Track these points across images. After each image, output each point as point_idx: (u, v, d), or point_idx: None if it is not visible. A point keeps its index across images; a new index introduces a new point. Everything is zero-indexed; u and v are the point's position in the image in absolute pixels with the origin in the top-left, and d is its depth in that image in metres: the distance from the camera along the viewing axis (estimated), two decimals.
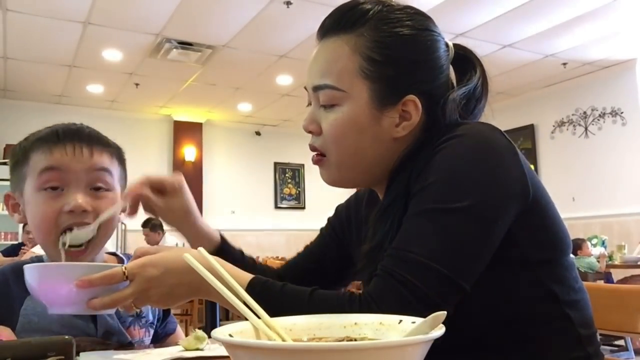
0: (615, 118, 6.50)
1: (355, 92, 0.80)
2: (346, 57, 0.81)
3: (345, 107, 0.81)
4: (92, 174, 0.94)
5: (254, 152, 8.81)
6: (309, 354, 0.43)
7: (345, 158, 0.83)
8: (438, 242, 0.71)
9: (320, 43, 0.86)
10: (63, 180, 0.91)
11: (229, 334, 0.51)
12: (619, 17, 5.08)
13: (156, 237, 5.96)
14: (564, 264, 0.80)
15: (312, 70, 0.85)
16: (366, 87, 0.80)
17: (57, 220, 0.91)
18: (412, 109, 0.81)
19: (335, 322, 0.59)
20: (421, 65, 0.82)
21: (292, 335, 0.57)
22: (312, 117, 0.86)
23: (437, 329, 0.49)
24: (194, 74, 6.39)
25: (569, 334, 0.78)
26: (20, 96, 6.97)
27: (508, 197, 0.74)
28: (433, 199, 0.73)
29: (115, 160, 1.00)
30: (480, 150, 0.75)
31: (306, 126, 0.86)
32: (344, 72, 0.81)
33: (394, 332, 0.56)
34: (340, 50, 0.82)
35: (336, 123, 0.82)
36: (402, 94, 0.80)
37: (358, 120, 0.81)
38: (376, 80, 0.80)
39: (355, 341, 0.55)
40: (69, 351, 0.59)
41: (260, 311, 0.57)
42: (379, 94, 0.80)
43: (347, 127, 0.81)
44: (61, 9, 4.64)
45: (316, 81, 0.84)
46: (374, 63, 0.80)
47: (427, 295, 0.69)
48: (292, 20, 4.93)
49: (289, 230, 8.74)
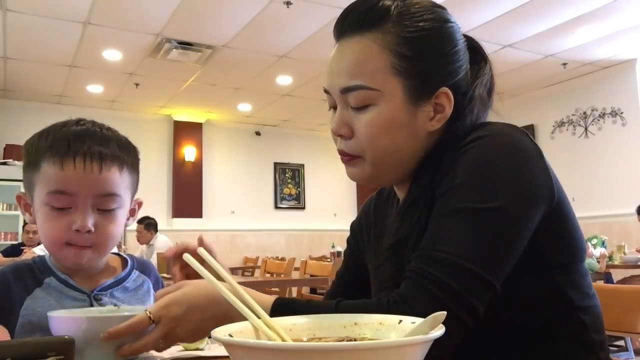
0: (615, 118, 6.50)
1: (389, 90, 0.79)
2: (376, 56, 0.79)
3: (381, 106, 0.79)
4: (99, 199, 0.95)
5: (254, 152, 8.81)
6: (308, 354, 0.43)
7: (383, 157, 0.81)
8: (471, 242, 0.70)
9: (340, 43, 0.83)
10: (71, 202, 0.94)
11: (229, 334, 0.51)
12: (619, 18, 5.08)
13: (148, 236, 5.99)
14: (579, 270, 0.80)
15: (336, 72, 0.82)
16: (400, 83, 0.79)
17: (63, 236, 0.95)
18: (444, 101, 0.81)
19: (335, 322, 0.59)
20: (448, 57, 0.81)
21: (292, 335, 0.57)
22: (342, 120, 0.82)
23: (436, 329, 0.49)
24: (194, 74, 6.39)
25: (583, 339, 0.78)
26: (20, 96, 6.97)
27: (536, 199, 0.74)
28: (464, 199, 0.72)
29: (125, 171, 0.99)
30: (509, 151, 0.75)
31: (337, 130, 0.83)
32: (376, 71, 0.79)
33: (393, 333, 0.56)
34: (368, 49, 0.79)
35: (372, 123, 0.79)
36: (435, 87, 0.80)
37: (395, 118, 0.79)
38: (409, 76, 0.79)
39: (355, 341, 0.55)
40: (69, 351, 0.59)
41: (260, 311, 0.57)
42: (413, 89, 0.79)
43: (384, 126, 0.79)
44: (61, 9, 4.64)
45: (345, 83, 0.80)
46: (405, 59, 0.79)
47: (463, 296, 0.68)
48: (292, 20, 4.93)
49: (289, 230, 8.74)
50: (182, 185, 8.01)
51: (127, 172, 1.00)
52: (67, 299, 0.99)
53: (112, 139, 0.99)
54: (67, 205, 0.93)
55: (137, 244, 6.15)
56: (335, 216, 9.22)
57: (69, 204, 0.93)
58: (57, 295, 0.99)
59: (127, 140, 1.04)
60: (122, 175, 0.98)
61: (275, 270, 4.79)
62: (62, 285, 1.00)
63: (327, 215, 9.19)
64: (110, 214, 0.97)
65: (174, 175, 8.06)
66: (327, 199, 9.26)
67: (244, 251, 8.24)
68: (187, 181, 8.06)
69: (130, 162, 1.01)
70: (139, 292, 1.08)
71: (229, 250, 8.11)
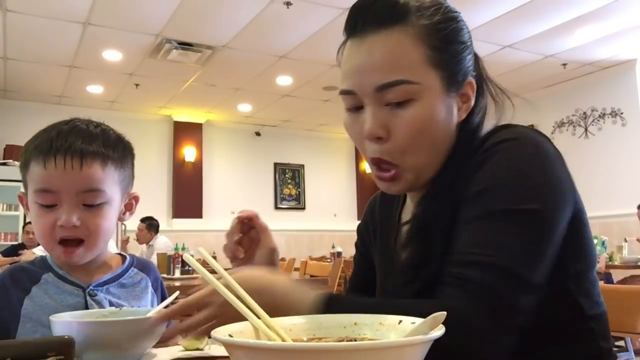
0: (615, 119, 6.50)
1: (428, 83, 0.76)
2: (411, 48, 0.76)
3: (422, 100, 0.76)
4: (82, 195, 0.96)
5: (254, 152, 8.81)
6: (308, 354, 0.43)
7: (423, 156, 0.79)
8: (512, 244, 0.68)
9: (361, 41, 0.78)
10: (56, 200, 0.96)
11: (229, 334, 0.51)
12: (619, 18, 5.09)
13: (147, 236, 5.98)
14: (589, 278, 0.80)
15: (368, 69, 0.77)
16: (436, 75, 0.77)
17: (51, 232, 0.96)
18: (469, 92, 0.81)
19: (335, 322, 0.59)
20: (467, 47, 0.82)
21: (291, 335, 0.57)
22: (378, 121, 0.77)
23: (436, 329, 0.49)
24: (194, 75, 6.39)
25: (592, 347, 0.78)
26: (20, 97, 6.97)
27: (565, 204, 0.74)
28: (499, 201, 0.71)
29: (110, 167, 1.00)
30: (538, 156, 0.74)
31: (374, 131, 0.77)
32: (415, 64, 0.76)
33: (393, 333, 0.56)
34: (402, 43, 0.76)
35: (414, 119, 0.76)
36: (463, 78, 0.80)
37: (436, 112, 0.77)
38: (442, 67, 0.77)
39: (354, 341, 0.55)
40: (69, 351, 0.59)
41: (260, 311, 0.57)
42: (447, 80, 0.78)
43: (427, 121, 0.77)
44: (61, 9, 4.65)
45: (383, 79, 0.75)
46: (436, 50, 0.77)
47: (512, 303, 0.66)
48: (292, 20, 4.93)
49: (289, 230, 8.73)
50: (182, 185, 8.01)
51: (112, 167, 1.00)
52: (63, 294, 1.00)
53: (97, 135, 1.00)
54: (52, 203, 0.95)
55: (136, 245, 6.14)
56: (335, 216, 9.22)
57: (54, 201, 0.95)
58: (53, 291, 1.00)
59: (118, 136, 1.05)
60: (106, 171, 0.99)
61: None
62: (58, 280, 1.01)
63: (327, 215, 9.19)
64: (96, 209, 0.98)
65: (174, 175, 8.06)
66: (327, 200, 9.26)
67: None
68: (187, 181, 8.06)
69: (117, 158, 1.01)
70: (136, 289, 1.09)
71: None
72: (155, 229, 6.05)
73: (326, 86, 6.84)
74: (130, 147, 1.08)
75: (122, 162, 1.04)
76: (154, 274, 1.15)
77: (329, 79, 6.56)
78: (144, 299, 1.09)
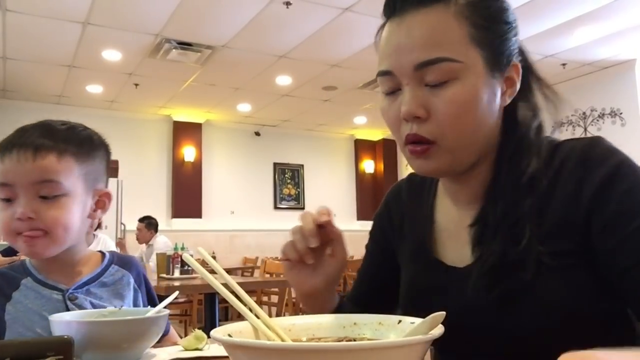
0: (615, 119, 6.50)
1: (471, 62, 0.73)
2: (454, 25, 0.73)
3: (463, 79, 0.73)
4: (37, 187, 0.96)
5: (254, 152, 8.81)
6: (308, 354, 0.43)
7: (464, 138, 0.75)
8: None
9: (401, 20, 0.75)
10: (13, 193, 0.96)
11: (228, 334, 0.51)
12: (618, 18, 5.09)
13: (148, 235, 5.97)
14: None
15: (407, 48, 0.74)
16: (479, 54, 0.74)
17: (10, 226, 0.97)
18: (514, 75, 0.78)
19: (334, 322, 0.59)
20: (512, 29, 0.78)
21: (291, 335, 0.57)
22: (416, 100, 0.73)
23: (436, 329, 0.49)
24: (194, 74, 6.38)
25: None
26: (19, 96, 6.97)
27: None
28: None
29: (69, 159, 0.99)
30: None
31: (413, 111, 0.73)
32: (457, 41, 0.73)
33: (393, 332, 0.56)
34: (444, 19, 0.73)
35: (455, 99, 0.72)
36: (509, 59, 0.77)
37: (478, 92, 0.73)
38: (486, 46, 0.74)
39: (354, 341, 0.55)
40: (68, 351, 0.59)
41: (259, 311, 0.57)
42: (491, 60, 0.74)
43: (468, 101, 0.73)
44: (60, 9, 4.64)
45: (423, 57, 0.72)
46: (480, 28, 0.74)
47: None
48: (291, 20, 4.93)
49: (289, 230, 8.72)
50: (181, 185, 8.01)
51: (71, 160, 1.00)
52: (43, 299, 1.00)
53: (58, 130, 1.01)
54: (10, 196, 0.96)
55: (136, 245, 6.14)
56: (335, 216, 9.19)
57: (11, 194, 0.96)
58: (33, 296, 1.00)
59: (88, 134, 1.06)
60: (63, 163, 0.98)
61: (274, 270, 4.78)
62: (38, 285, 1.01)
63: None
64: (53, 201, 0.97)
65: (173, 175, 8.05)
66: (327, 200, 9.25)
67: (243, 251, 8.24)
68: (187, 181, 8.06)
69: (79, 152, 1.01)
70: (118, 287, 1.08)
71: (229, 250, 8.10)
72: (154, 227, 6.04)
73: (326, 86, 6.84)
74: (104, 145, 1.08)
75: (87, 156, 1.03)
76: (136, 269, 1.14)
77: (328, 78, 6.56)
78: (127, 297, 1.08)
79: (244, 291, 0.60)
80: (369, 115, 8.29)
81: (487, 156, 0.80)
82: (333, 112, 8.04)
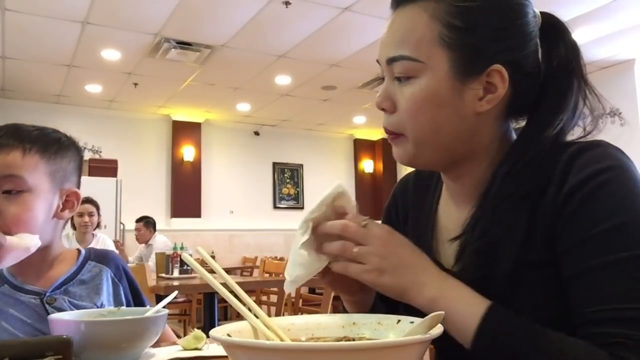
0: (614, 118, 6.50)
1: (434, 63, 0.73)
2: (424, 25, 0.73)
3: (424, 79, 0.73)
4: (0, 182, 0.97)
5: (253, 152, 8.80)
6: (307, 353, 0.43)
7: (424, 135, 0.75)
8: None
9: (394, 13, 0.78)
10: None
11: (227, 334, 0.51)
12: (617, 18, 5.09)
13: (147, 235, 5.96)
14: None
15: (386, 42, 0.77)
16: (446, 56, 0.73)
17: None
18: (497, 81, 0.73)
19: (333, 322, 0.59)
20: (507, 31, 0.74)
21: (290, 335, 0.57)
22: (385, 93, 0.77)
23: (435, 329, 0.49)
24: (193, 74, 6.38)
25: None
26: (18, 96, 6.96)
27: None
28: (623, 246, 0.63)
29: (34, 155, 1.00)
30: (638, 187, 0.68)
31: (379, 103, 0.78)
32: (422, 41, 0.73)
33: (392, 332, 0.56)
34: (417, 18, 0.74)
35: (413, 97, 0.74)
36: (486, 64, 0.73)
37: (438, 94, 0.73)
38: (457, 48, 0.73)
39: (353, 341, 0.55)
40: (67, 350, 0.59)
41: (259, 311, 0.57)
42: (461, 63, 0.73)
43: (426, 101, 0.73)
44: (60, 8, 4.64)
45: (391, 52, 0.75)
46: (455, 30, 0.72)
47: None
48: (291, 20, 4.93)
49: (288, 230, 8.73)
50: (180, 185, 8.00)
51: (36, 157, 1.01)
52: (21, 305, 1.00)
53: (27, 132, 1.02)
54: None
55: (135, 245, 6.14)
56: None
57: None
58: (12, 302, 1.00)
59: (58, 137, 1.07)
60: (27, 159, 0.99)
61: (274, 270, 4.78)
62: (14, 291, 1.01)
63: None
64: (15, 197, 0.97)
65: (172, 175, 8.05)
66: None
67: (242, 251, 8.24)
68: (186, 181, 8.05)
69: (45, 151, 1.02)
70: (96, 281, 1.08)
71: (228, 250, 8.10)
72: (153, 226, 6.03)
73: (325, 85, 6.84)
74: (75, 146, 1.09)
75: (55, 155, 1.04)
76: (115, 263, 1.14)
77: (327, 78, 6.55)
78: (105, 292, 1.08)
79: (243, 291, 0.60)
80: (368, 114, 8.29)
81: (482, 158, 0.79)
82: (332, 111, 8.04)
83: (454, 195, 0.85)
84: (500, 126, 0.79)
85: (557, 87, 0.78)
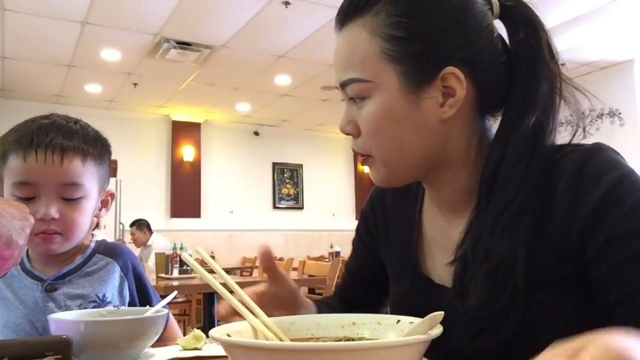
0: (613, 119, 6.51)
1: (382, 80, 0.70)
2: (366, 43, 0.71)
3: (377, 98, 0.71)
4: (61, 188, 0.98)
5: (253, 152, 8.80)
6: (306, 353, 0.43)
7: (389, 153, 0.73)
8: None
9: (339, 35, 0.75)
10: (35, 193, 0.97)
11: (227, 334, 0.51)
12: (616, 18, 5.09)
13: (142, 237, 5.94)
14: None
15: (336, 66, 0.75)
16: (393, 70, 0.70)
17: None
18: (454, 83, 0.70)
19: (333, 321, 0.59)
20: (452, 30, 0.70)
21: (289, 334, 0.57)
22: (347, 117, 0.75)
23: (434, 329, 0.49)
24: (193, 74, 6.38)
25: None
26: (18, 96, 6.96)
27: None
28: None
29: (90, 162, 1.02)
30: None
31: (342, 128, 0.76)
32: (366, 60, 0.71)
33: (392, 332, 0.56)
34: (358, 37, 0.71)
35: (370, 118, 0.72)
36: (437, 69, 0.69)
37: (393, 110, 0.70)
38: (403, 60, 0.69)
39: (353, 341, 0.55)
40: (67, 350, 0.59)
41: (258, 310, 0.57)
42: (410, 74, 0.70)
43: (382, 119, 0.71)
44: (59, 8, 4.64)
45: (341, 76, 0.73)
46: (396, 41, 0.69)
47: None
48: (290, 20, 4.93)
49: (288, 230, 8.74)
50: (180, 185, 8.00)
51: (91, 163, 1.03)
52: (24, 288, 1.03)
53: (77, 131, 1.03)
54: (31, 195, 0.97)
55: (135, 244, 6.13)
56: (334, 216, 9.22)
57: (33, 194, 0.97)
58: (16, 284, 1.03)
59: (96, 133, 1.08)
60: (86, 166, 1.01)
61: None
62: (23, 273, 1.04)
63: (325, 215, 9.19)
64: (75, 203, 1.00)
65: (172, 175, 8.05)
66: (326, 199, 9.26)
67: (242, 251, 8.23)
68: (186, 181, 8.05)
69: (96, 155, 1.04)
70: (102, 274, 1.09)
71: (228, 250, 8.10)
72: (147, 227, 6.01)
73: (325, 86, 6.84)
74: (108, 144, 1.11)
75: (101, 158, 1.06)
76: (124, 258, 1.15)
77: (327, 78, 6.55)
78: (110, 284, 1.09)
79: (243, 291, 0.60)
80: None
81: (463, 164, 0.75)
82: (332, 111, 8.04)
83: (438, 204, 0.82)
84: (474, 128, 0.75)
85: (523, 76, 0.73)
